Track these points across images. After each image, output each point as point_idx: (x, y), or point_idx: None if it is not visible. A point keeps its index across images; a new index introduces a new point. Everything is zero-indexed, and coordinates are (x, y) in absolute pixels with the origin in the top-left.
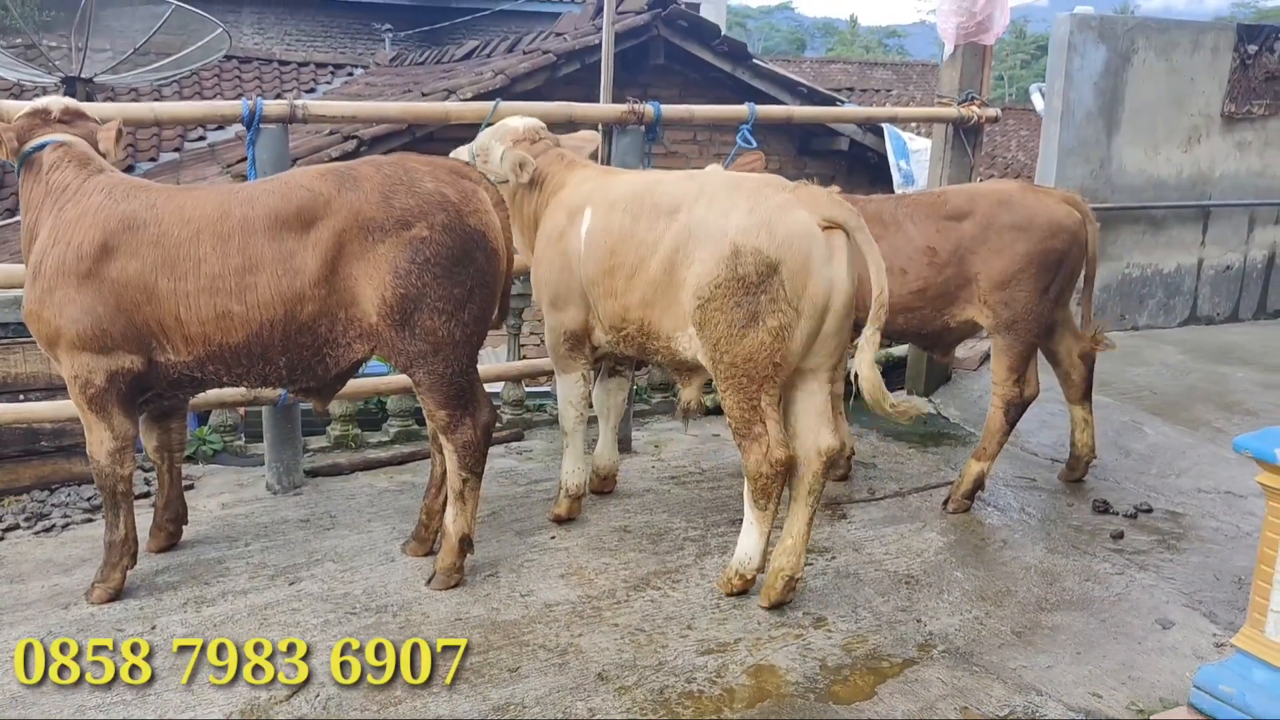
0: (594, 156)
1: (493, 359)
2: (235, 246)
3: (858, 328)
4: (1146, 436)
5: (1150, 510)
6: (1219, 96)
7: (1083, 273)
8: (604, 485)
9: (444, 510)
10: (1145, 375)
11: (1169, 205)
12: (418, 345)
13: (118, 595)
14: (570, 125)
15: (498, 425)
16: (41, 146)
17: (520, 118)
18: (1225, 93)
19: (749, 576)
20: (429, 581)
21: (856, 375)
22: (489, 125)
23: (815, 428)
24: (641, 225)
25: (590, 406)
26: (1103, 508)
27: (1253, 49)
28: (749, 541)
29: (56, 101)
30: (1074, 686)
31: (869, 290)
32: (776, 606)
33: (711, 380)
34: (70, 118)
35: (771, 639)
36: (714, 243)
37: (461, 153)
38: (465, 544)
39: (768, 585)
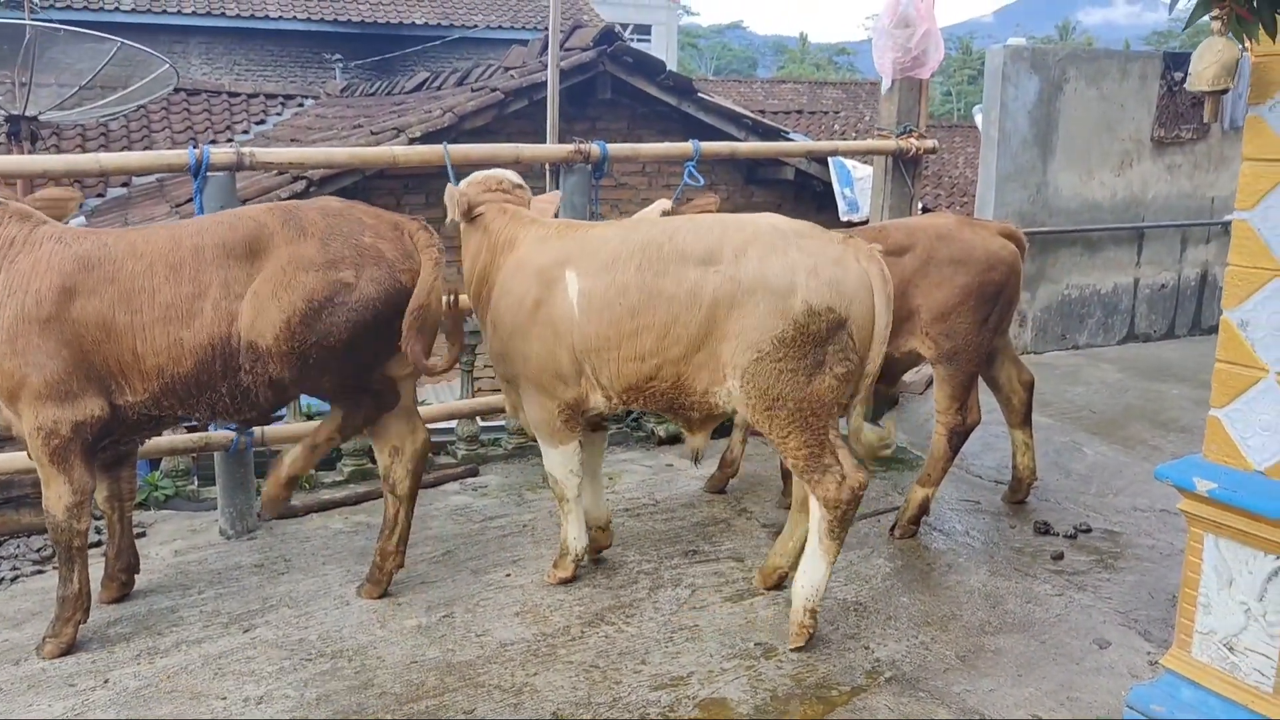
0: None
1: (447, 394)
2: (187, 274)
3: None
4: (1086, 456)
5: (1089, 530)
6: (1148, 122)
7: None
8: (606, 537)
9: (398, 551)
10: (1085, 394)
11: (1105, 227)
12: (330, 381)
13: (70, 650)
14: (517, 165)
15: (452, 461)
16: None
17: (499, 170)
18: (1154, 118)
19: (819, 610)
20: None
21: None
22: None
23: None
24: (669, 280)
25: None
26: (1044, 529)
27: (1179, 76)
28: (819, 573)
29: None
30: (1015, 709)
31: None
32: (774, 589)
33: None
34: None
35: (723, 671)
36: (779, 298)
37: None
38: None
39: (763, 575)
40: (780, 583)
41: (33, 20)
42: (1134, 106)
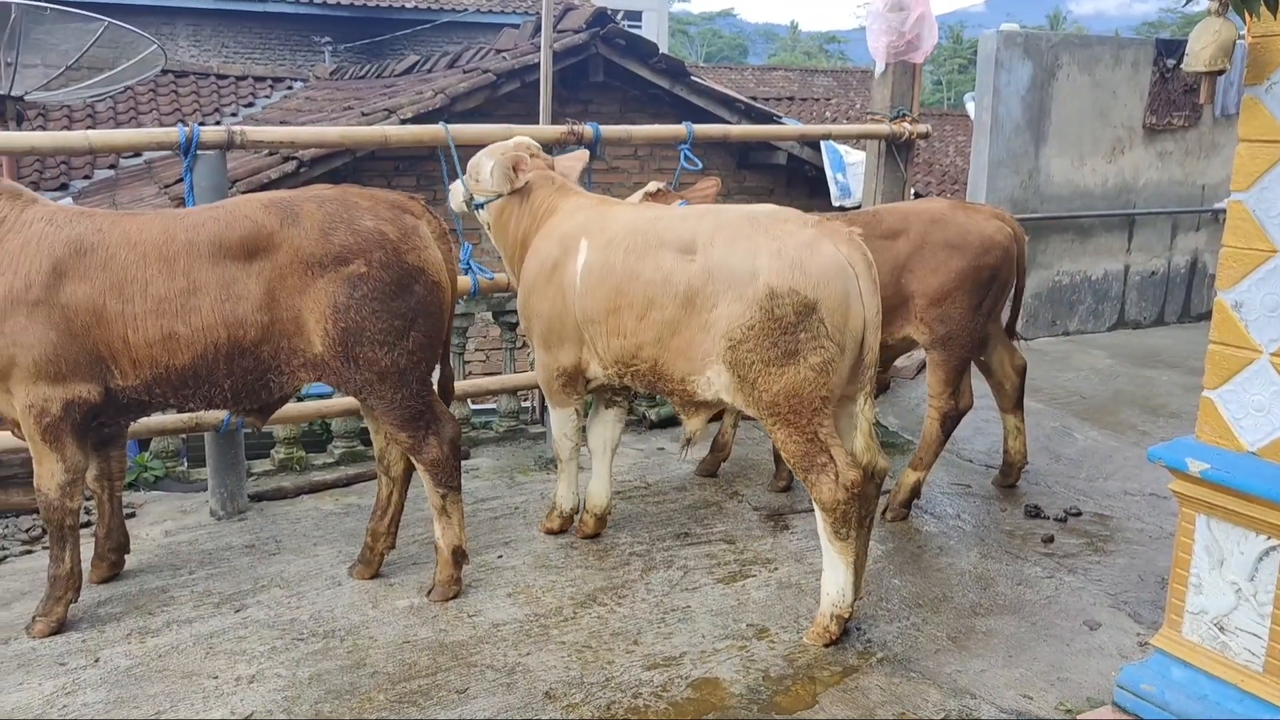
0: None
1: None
2: (180, 269)
3: None
4: (1076, 441)
5: (1079, 514)
6: (1140, 109)
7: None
8: (600, 526)
9: (390, 533)
10: (1075, 380)
11: (1096, 214)
12: (363, 374)
13: (60, 629)
14: None
15: None
16: None
17: (515, 138)
18: (1146, 105)
19: (846, 616)
20: (429, 593)
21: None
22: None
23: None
24: (648, 264)
25: (583, 437)
26: (1034, 512)
27: (1171, 63)
28: (838, 577)
29: None
30: (1006, 689)
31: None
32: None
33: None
34: None
35: (716, 651)
36: (743, 285)
37: (457, 185)
38: (459, 555)
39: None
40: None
41: None
42: (1126, 93)
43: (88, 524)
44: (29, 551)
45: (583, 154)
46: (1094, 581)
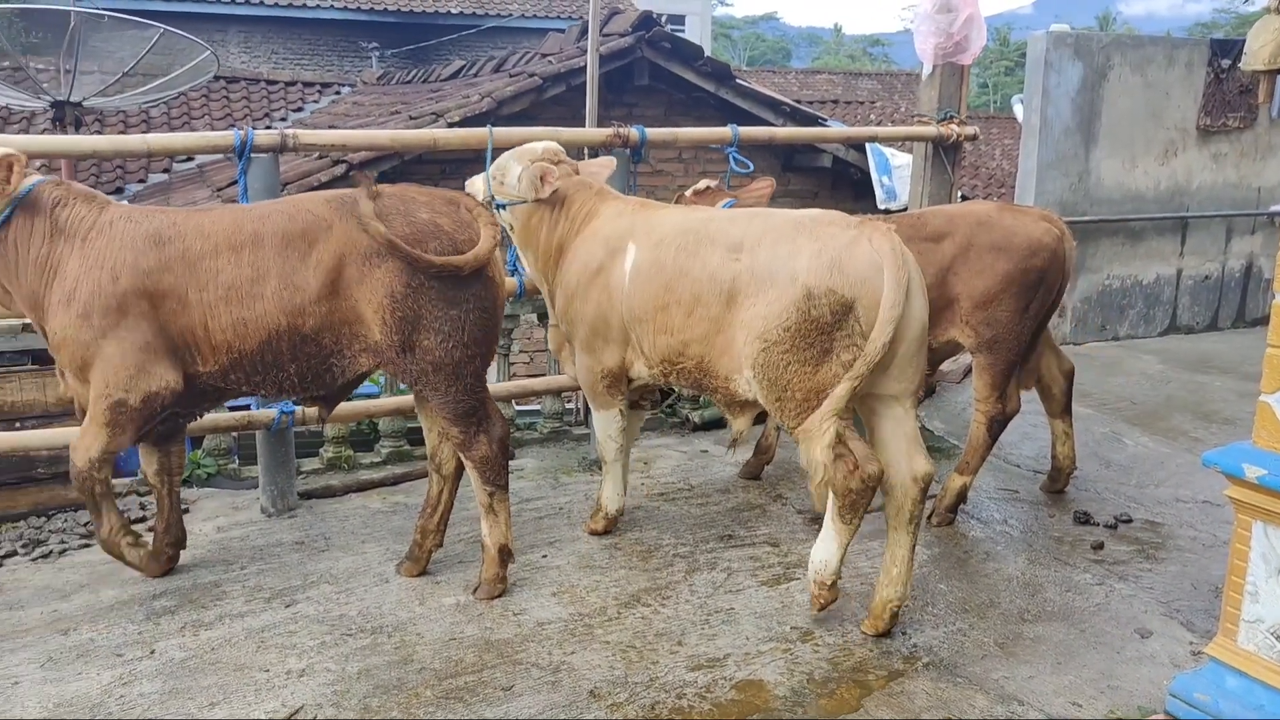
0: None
1: None
2: (246, 258)
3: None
4: (1126, 447)
5: (1130, 520)
6: (1194, 110)
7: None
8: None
9: (439, 530)
10: (1125, 385)
11: (1147, 217)
12: (419, 364)
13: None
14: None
15: None
16: (30, 189)
17: (542, 142)
18: (1200, 106)
19: (828, 582)
20: (474, 591)
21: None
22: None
23: (908, 454)
24: (697, 262)
25: (627, 438)
26: (1083, 518)
27: (1226, 63)
28: (827, 548)
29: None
30: (1054, 696)
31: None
32: (883, 635)
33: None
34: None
35: (760, 653)
36: (782, 285)
37: (476, 181)
38: (505, 554)
39: (874, 615)
40: (895, 618)
41: (77, 7)
42: (1179, 94)
43: (143, 519)
44: (87, 545)
45: (610, 160)
46: (1145, 589)
